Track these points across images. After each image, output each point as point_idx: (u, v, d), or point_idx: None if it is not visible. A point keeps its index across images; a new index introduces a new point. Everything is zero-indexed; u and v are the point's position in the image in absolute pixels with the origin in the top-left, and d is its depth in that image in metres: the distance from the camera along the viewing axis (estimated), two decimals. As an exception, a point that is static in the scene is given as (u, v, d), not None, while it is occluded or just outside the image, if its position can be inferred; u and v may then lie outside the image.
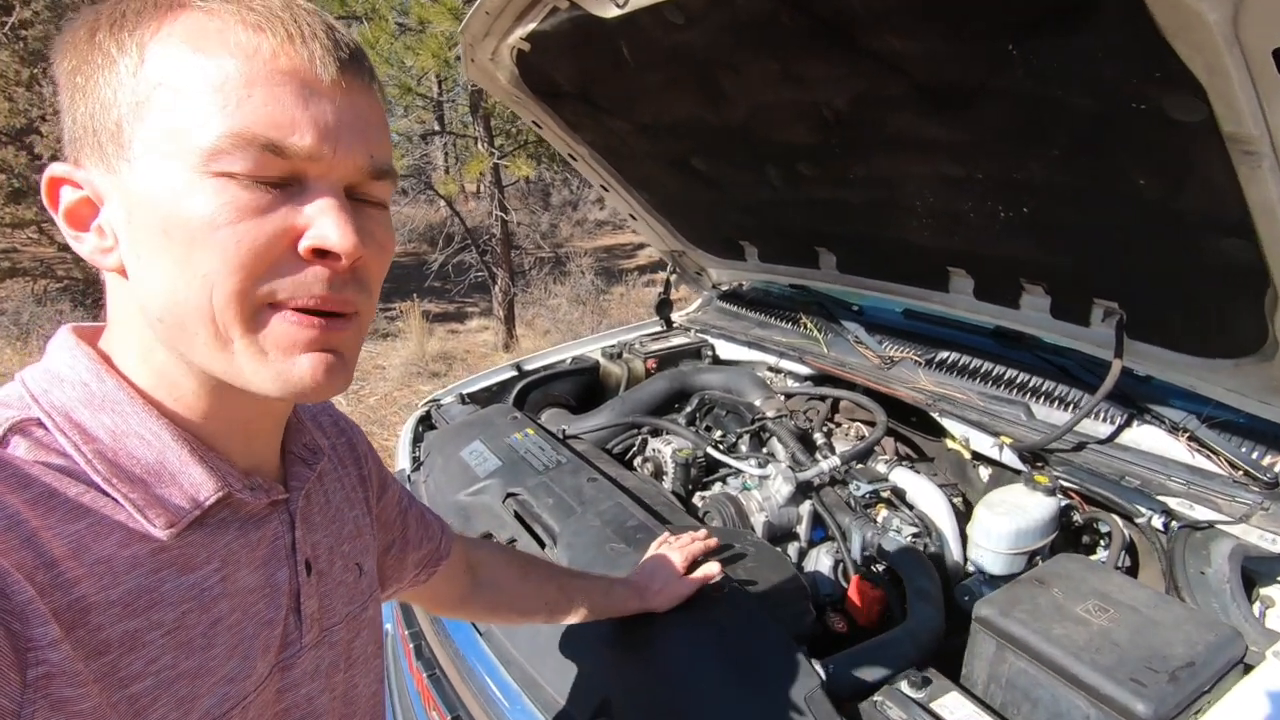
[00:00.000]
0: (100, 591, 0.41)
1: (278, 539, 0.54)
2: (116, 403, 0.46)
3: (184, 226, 0.43)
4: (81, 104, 0.45)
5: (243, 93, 0.43)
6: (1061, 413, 1.52)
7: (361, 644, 0.63)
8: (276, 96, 0.43)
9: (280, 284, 0.45)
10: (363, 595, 0.64)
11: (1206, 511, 1.24)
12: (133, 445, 0.45)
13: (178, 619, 0.45)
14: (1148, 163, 1.02)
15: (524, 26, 1.56)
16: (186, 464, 0.47)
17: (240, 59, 0.43)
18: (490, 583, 0.93)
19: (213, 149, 0.42)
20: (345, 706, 0.61)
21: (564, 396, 2.17)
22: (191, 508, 0.46)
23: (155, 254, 0.44)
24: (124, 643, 0.42)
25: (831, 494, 1.54)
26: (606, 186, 2.26)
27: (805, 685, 0.92)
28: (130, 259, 0.46)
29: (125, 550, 0.43)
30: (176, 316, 0.45)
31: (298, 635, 0.55)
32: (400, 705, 1.52)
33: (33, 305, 6.45)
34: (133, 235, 0.45)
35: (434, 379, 5.66)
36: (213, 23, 0.43)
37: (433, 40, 5.17)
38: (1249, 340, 1.15)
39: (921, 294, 1.81)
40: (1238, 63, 0.74)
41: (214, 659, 0.47)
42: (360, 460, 0.71)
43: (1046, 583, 1.10)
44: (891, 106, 1.25)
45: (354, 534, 0.65)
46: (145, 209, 0.44)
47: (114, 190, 0.45)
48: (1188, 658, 0.94)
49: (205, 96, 0.42)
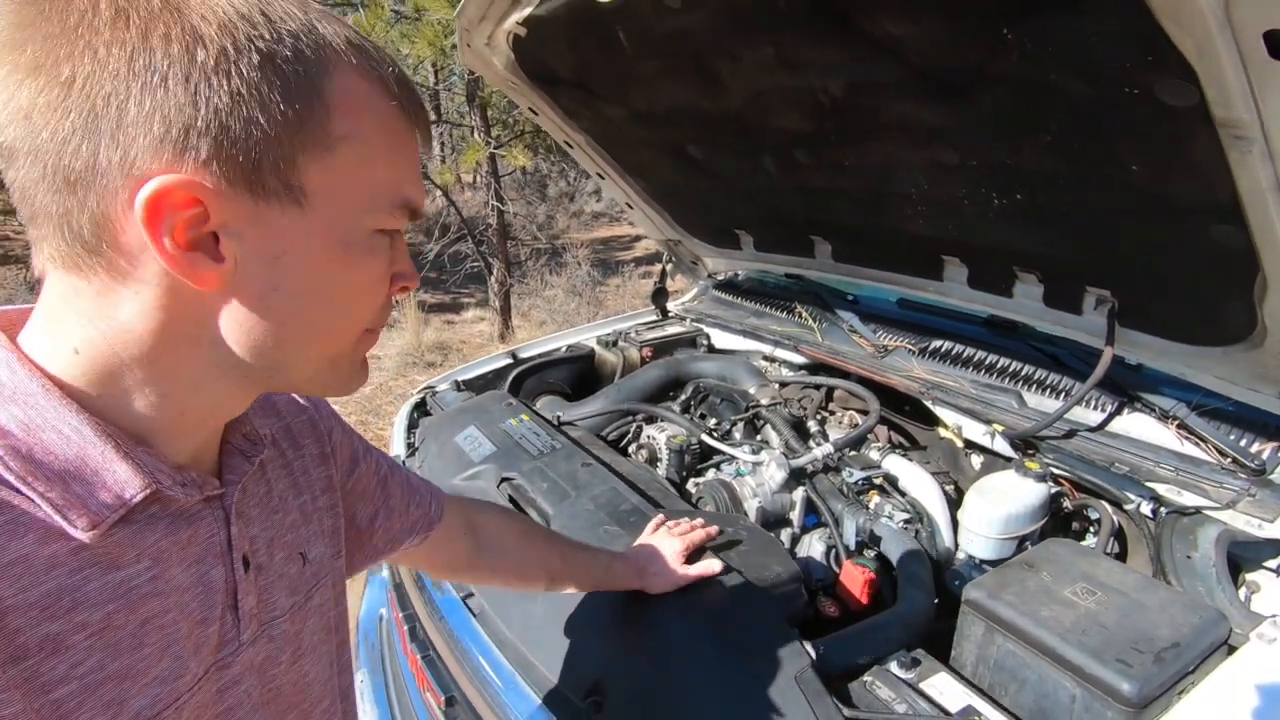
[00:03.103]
0: (17, 594, 0.39)
1: (211, 536, 0.52)
2: (29, 394, 0.42)
3: (347, 283, 0.48)
4: (230, 120, 0.40)
5: (401, 159, 0.48)
6: (1053, 400, 1.53)
7: (310, 632, 0.62)
8: (412, 162, 0.50)
9: (378, 315, 0.53)
10: (307, 584, 0.62)
11: (1194, 498, 1.25)
12: (49, 440, 0.42)
13: (104, 619, 0.43)
14: (1140, 149, 1.03)
15: (520, 11, 1.55)
16: (110, 460, 0.44)
17: (392, 122, 0.47)
18: (492, 547, 0.93)
19: (388, 210, 0.48)
20: (297, 698, 0.60)
21: (559, 384, 2.17)
22: (116, 505, 0.44)
23: (296, 296, 0.46)
24: (44, 646, 0.40)
25: (824, 481, 1.55)
26: (603, 174, 2.26)
27: (796, 665, 0.93)
28: (245, 293, 0.44)
29: (44, 549, 0.41)
30: (297, 343, 0.48)
31: (235, 633, 0.53)
32: (394, 688, 1.52)
33: (25, 293, 6.42)
34: (275, 274, 0.45)
35: (430, 369, 5.66)
36: (362, 83, 0.46)
37: (429, 28, 5.14)
38: (1238, 328, 1.16)
39: (916, 283, 1.81)
40: (1229, 45, 0.75)
41: (144, 659, 0.45)
42: (323, 437, 0.70)
43: (1035, 566, 1.11)
44: (887, 92, 1.25)
45: (299, 522, 0.63)
46: (304, 254, 0.45)
47: (259, 223, 0.43)
48: (1173, 639, 0.95)
49: (397, 160, 0.48)
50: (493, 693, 1.07)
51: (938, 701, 0.96)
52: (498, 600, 1.20)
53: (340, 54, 0.44)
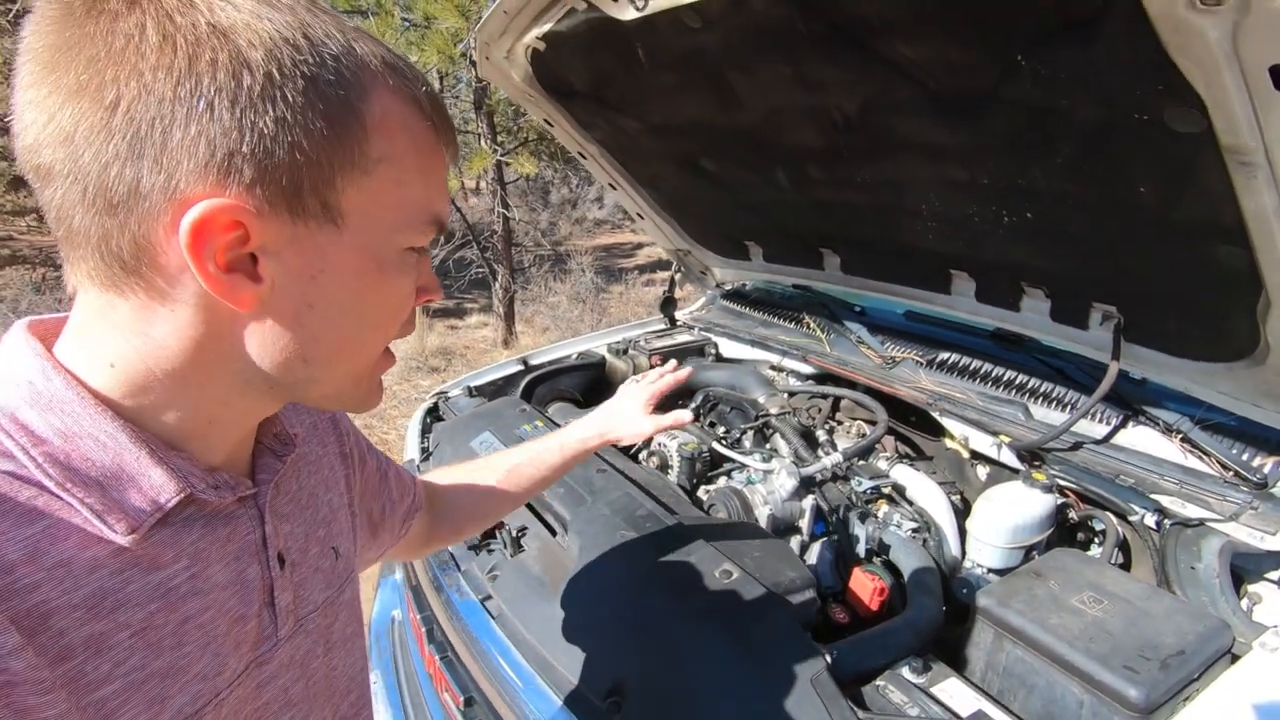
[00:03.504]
0: (62, 595, 0.40)
1: (247, 535, 0.53)
2: (65, 402, 0.43)
3: (379, 300, 0.49)
4: (275, 145, 0.41)
5: (432, 177, 0.49)
6: (1059, 413, 1.56)
7: (340, 626, 0.64)
8: (442, 180, 0.50)
9: (400, 331, 0.54)
10: (340, 579, 0.64)
11: (1198, 510, 1.28)
12: (86, 448, 0.43)
13: (145, 619, 0.44)
14: (1148, 172, 1.06)
15: (540, 27, 1.58)
16: (145, 466, 0.45)
17: (424, 141, 0.48)
18: (447, 510, 0.95)
19: (419, 228, 0.48)
20: (328, 690, 0.62)
21: (570, 391, 2.20)
22: (152, 510, 0.45)
23: (329, 314, 0.47)
24: (89, 646, 0.41)
25: (833, 489, 1.57)
26: (614, 184, 2.30)
27: (811, 668, 0.96)
28: (280, 311, 0.45)
29: (85, 552, 0.42)
30: (323, 362, 0.48)
31: (273, 629, 0.54)
32: (408, 689, 1.54)
33: (31, 293, 6.44)
34: (310, 293, 0.45)
35: (433, 374, 5.68)
36: (398, 104, 0.46)
37: (438, 36, 5.18)
38: (1242, 345, 1.19)
39: (924, 296, 1.84)
40: (1235, 77, 0.78)
41: (185, 657, 0.46)
42: (343, 436, 0.72)
43: (1043, 575, 1.14)
44: (901, 112, 1.29)
45: (329, 518, 0.65)
46: (340, 273, 0.46)
47: (296, 243, 0.44)
48: (1178, 647, 0.98)
49: (416, 178, 0.47)
50: (512, 693, 1.10)
51: (949, 706, 0.98)
52: (516, 601, 1.23)
53: (378, 75, 0.45)
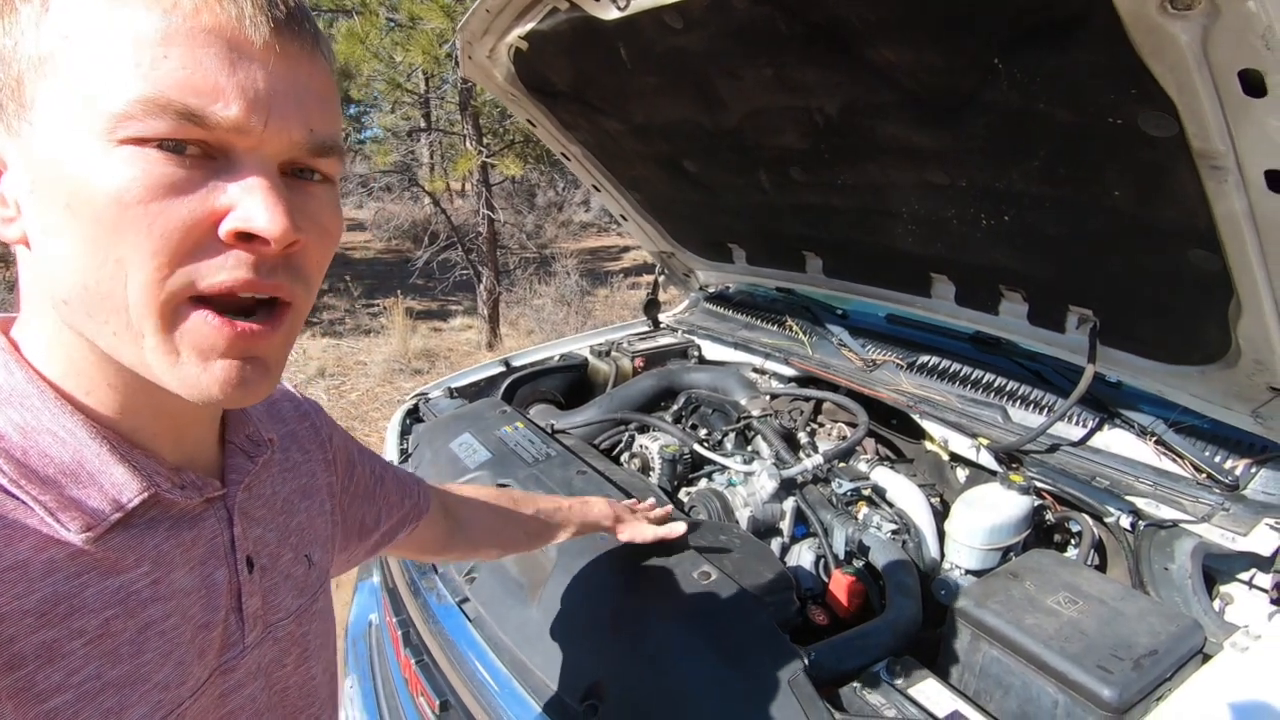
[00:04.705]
0: (12, 601, 0.38)
1: (215, 537, 0.50)
2: (25, 396, 0.42)
3: (90, 202, 0.38)
4: None
5: (159, 52, 0.38)
6: (1037, 416, 1.58)
7: (315, 635, 0.62)
8: (198, 59, 0.38)
9: (200, 269, 0.40)
10: (313, 587, 0.62)
11: (1171, 511, 1.29)
12: (45, 443, 0.41)
13: (101, 625, 0.42)
14: (1123, 176, 1.07)
15: (523, 26, 1.58)
16: (107, 463, 0.43)
17: (158, 13, 0.38)
18: (469, 522, 0.96)
19: (123, 114, 0.37)
20: (304, 698, 0.60)
21: (552, 392, 2.19)
22: (112, 510, 0.43)
23: (60, 229, 0.40)
24: (40, 654, 0.39)
25: (814, 491, 1.57)
26: (598, 186, 2.29)
27: (789, 669, 0.96)
28: (34, 232, 0.41)
29: (41, 555, 0.40)
30: (84, 301, 0.40)
31: (239, 635, 0.52)
32: (384, 694, 1.52)
33: (4, 291, 6.32)
34: (36, 207, 0.40)
35: (416, 376, 5.64)
36: None
37: (423, 36, 5.17)
38: (1214, 348, 1.21)
39: (904, 299, 1.85)
40: (1206, 82, 0.79)
41: (145, 666, 0.44)
42: (325, 444, 0.70)
43: (1020, 576, 1.14)
44: (881, 114, 1.29)
45: (304, 525, 0.62)
46: (48, 178, 0.39)
47: (16, 154, 0.40)
48: (1151, 647, 0.99)
49: (116, 54, 0.37)
50: (488, 697, 1.08)
51: (926, 707, 0.98)
52: (493, 604, 1.21)
53: None
